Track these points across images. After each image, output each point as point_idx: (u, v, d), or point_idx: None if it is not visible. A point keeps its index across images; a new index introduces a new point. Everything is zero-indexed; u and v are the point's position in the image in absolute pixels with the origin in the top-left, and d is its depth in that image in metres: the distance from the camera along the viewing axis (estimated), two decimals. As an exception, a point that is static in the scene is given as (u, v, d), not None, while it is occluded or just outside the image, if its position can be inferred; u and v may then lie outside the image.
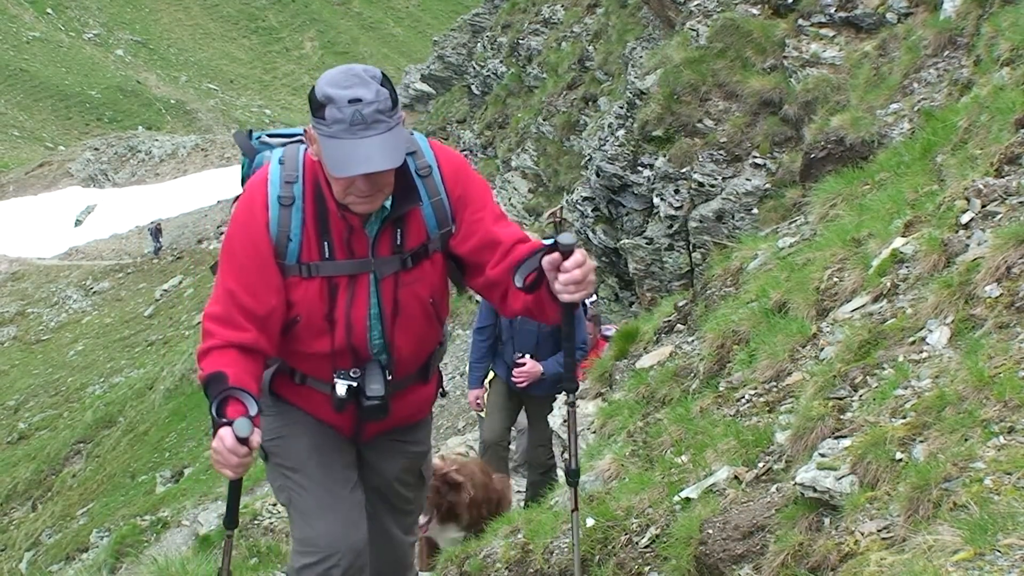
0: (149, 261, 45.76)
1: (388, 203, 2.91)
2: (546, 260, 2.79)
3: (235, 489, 3.05)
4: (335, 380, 3.06)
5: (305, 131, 2.88)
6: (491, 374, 7.20)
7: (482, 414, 7.52)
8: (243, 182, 3.14)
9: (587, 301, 8.61)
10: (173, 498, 18.00)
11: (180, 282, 41.16)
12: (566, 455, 3.69)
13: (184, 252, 45.00)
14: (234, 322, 2.87)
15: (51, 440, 28.79)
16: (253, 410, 2.74)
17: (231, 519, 3.14)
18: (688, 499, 3.78)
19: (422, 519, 5.06)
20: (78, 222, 54.38)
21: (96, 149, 64.36)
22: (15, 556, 21.54)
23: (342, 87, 2.71)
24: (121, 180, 60.29)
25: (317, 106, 2.73)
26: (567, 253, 2.74)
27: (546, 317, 2.92)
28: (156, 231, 46.62)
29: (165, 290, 41.01)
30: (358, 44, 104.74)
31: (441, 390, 3.44)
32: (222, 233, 43.58)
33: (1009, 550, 2.34)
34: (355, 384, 3.05)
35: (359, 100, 2.69)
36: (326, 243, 2.93)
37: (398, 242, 2.96)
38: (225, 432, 2.67)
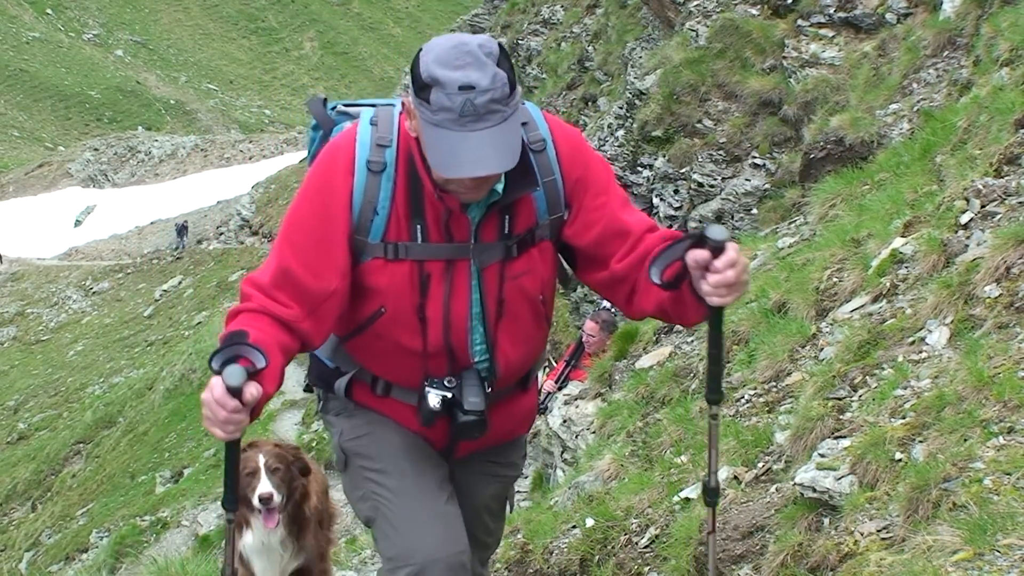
0: (149, 261, 45.78)
1: (499, 186, 2.46)
2: (691, 256, 2.28)
3: (232, 456, 2.46)
4: (426, 389, 2.58)
5: (403, 103, 2.46)
6: None
7: None
8: (311, 160, 2.67)
9: (606, 306, 8.39)
10: (173, 498, 17.96)
11: (180, 282, 41.13)
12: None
13: (184, 252, 45.02)
14: (278, 297, 2.44)
15: (51, 440, 28.75)
16: (260, 364, 2.28)
17: (230, 498, 2.53)
18: (688, 499, 3.79)
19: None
20: (78, 222, 54.41)
21: (96, 149, 64.39)
22: (15, 556, 21.51)
23: (453, 67, 2.25)
24: (121, 180, 60.32)
25: (421, 86, 2.29)
26: (718, 250, 2.25)
27: (684, 319, 2.48)
28: (182, 229, 46.56)
29: (165, 290, 40.99)
30: (358, 44, 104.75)
31: (542, 404, 2.97)
32: (222, 233, 43.50)
33: (1008, 550, 2.34)
34: (450, 395, 2.57)
35: (472, 88, 2.24)
36: (418, 224, 2.48)
37: (505, 230, 2.51)
38: (215, 381, 2.26)
